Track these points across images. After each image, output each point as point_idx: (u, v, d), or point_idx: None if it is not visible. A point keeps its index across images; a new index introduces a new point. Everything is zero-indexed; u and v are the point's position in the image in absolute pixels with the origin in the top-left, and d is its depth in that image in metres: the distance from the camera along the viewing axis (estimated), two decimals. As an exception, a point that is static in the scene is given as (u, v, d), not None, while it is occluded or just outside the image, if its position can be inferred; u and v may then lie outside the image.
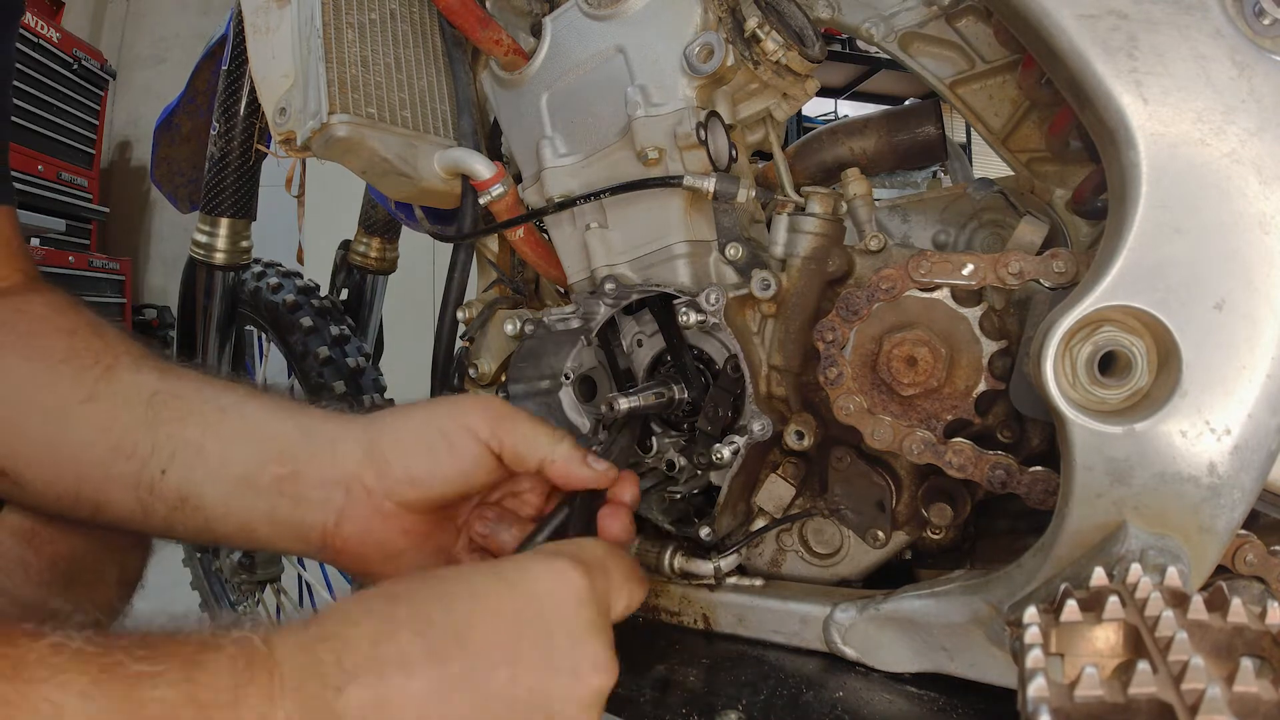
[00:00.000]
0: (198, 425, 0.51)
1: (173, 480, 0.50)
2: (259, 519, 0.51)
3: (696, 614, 0.87)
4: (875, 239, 0.81)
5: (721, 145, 0.80)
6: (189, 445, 0.51)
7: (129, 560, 0.68)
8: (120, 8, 4.52)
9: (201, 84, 1.28)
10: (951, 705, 0.71)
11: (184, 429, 0.51)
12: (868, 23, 0.89)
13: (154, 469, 0.50)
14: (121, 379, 0.53)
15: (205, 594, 1.62)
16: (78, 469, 0.51)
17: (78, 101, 3.75)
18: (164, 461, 0.50)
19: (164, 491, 0.50)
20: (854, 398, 0.74)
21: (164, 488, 0.50)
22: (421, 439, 0.52)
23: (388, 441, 0.52)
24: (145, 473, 0.50)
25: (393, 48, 0.89)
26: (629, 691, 0.77)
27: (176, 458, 0.50)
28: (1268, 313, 0.53)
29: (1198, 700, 0.31)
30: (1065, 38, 0.58)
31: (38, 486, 0.52)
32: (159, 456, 0.50)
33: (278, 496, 0.51)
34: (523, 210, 0.90)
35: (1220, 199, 0.54)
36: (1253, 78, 0.54)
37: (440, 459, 0.51)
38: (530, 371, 0.92)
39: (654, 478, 0.89)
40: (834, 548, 0.86)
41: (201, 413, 0.52)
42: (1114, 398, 0.58)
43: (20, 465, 0.52)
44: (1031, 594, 0.62)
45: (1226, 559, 0.63)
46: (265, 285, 1.37)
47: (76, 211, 3.73)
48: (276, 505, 0.51)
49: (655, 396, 0.84)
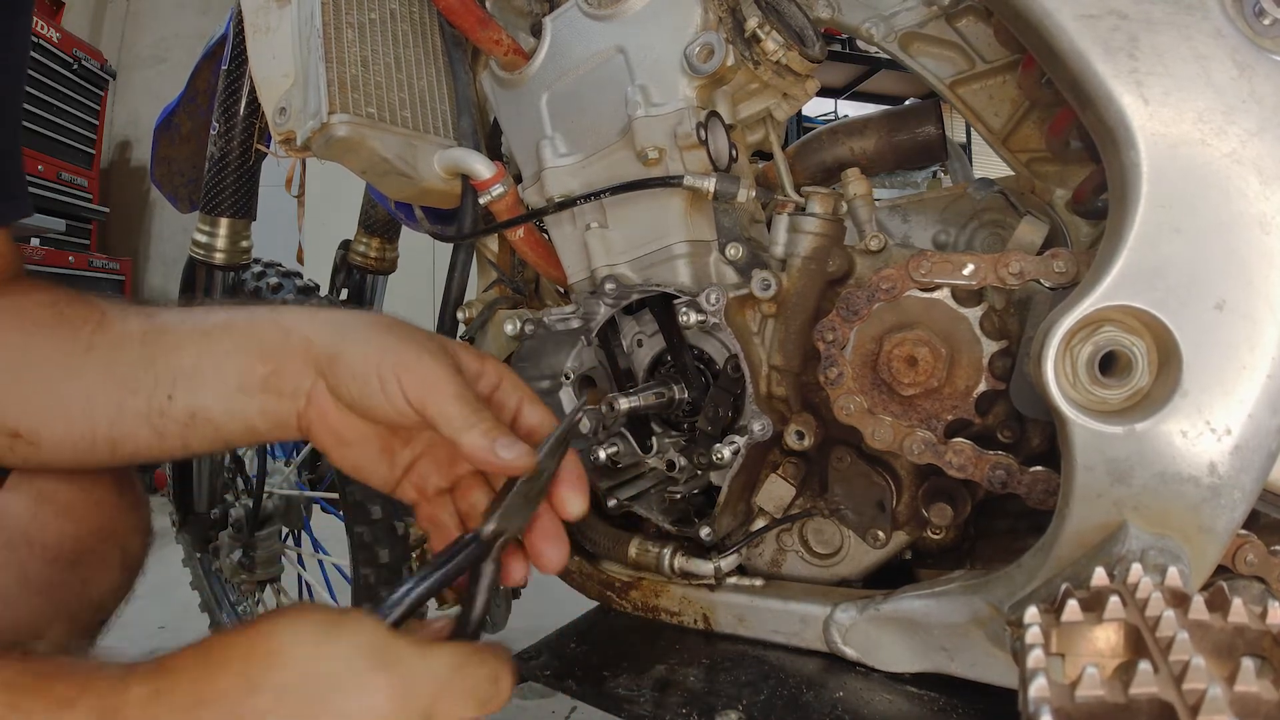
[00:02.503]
0: (191, 351, 0.56)
1: (180, 403, 0.56)
2: (256, 416, 0.56)
3: (696, 614, 0.87)
4: (875, 239, 0.81)
5: (722, 145, 0.80)
6: (186, 370, 0.56)
7: (130, 544, 0.70)
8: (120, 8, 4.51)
9: (201, 84, 1.28)
10: (951, 705, 0.71)
11: (179, 358, 0.56)
12: (868, 23, 0.89)
13: (161, 396, 0.56)
14: (113, 328, 0.57)
15: (205, 594, 1.62)
16: (90, 413, 0.56)
17: (78, 101, 3.74)
18: (168, 388, 0.55)
19: (174, 414, 0.56)
20: (854, 398, 0.74)
21: (174, 410, 0.56)
22: (362, 372, 0.53)
23: (341, 361, 0.54)
24: (154, 402, 0.56)
25: (393, 47, 0.89)
26: (629, 691, 0.77)
27: (178, 383, 0.55)
28: (1268, 313, 0.53)
29: (1199, 700, 0.31)
30: (1066, 38, 0.58)
31: (55, 440, 0.57)
32: (163, 385, 0.56)
33: (265, 393, 0.55)
34: (523, 210, 0.90)
35: (1221, 199, 0.54)
36: (1253, 78, 0.54)
37: (374, 398, 0.53)
38: (530, 371, 0.92)
39: (654, 478, 0.89)
40: (834, 548, 0.86)
41: (191, 339, 0.57)
42: (1114, 398, 0.58)
43: (35, 424, 0.56)
44: (1032, 594, 0.62)
45: (1227, 559, 0.63)
46: (265, 285, 1.36)
47: (76, 211, 3.72)
48: (266, 401, 0.55)
49: (655, 396, 0.84)
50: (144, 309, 0.60)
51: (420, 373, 0.52)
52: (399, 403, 0.52)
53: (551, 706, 1.58)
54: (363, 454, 0.58)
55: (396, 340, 0.54)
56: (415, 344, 0.54)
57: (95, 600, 0.66)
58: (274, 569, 1.45)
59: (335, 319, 0.57)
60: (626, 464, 0.90)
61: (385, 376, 0.52)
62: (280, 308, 0.58)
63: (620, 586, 0.92)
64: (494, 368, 0.59)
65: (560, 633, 0.93)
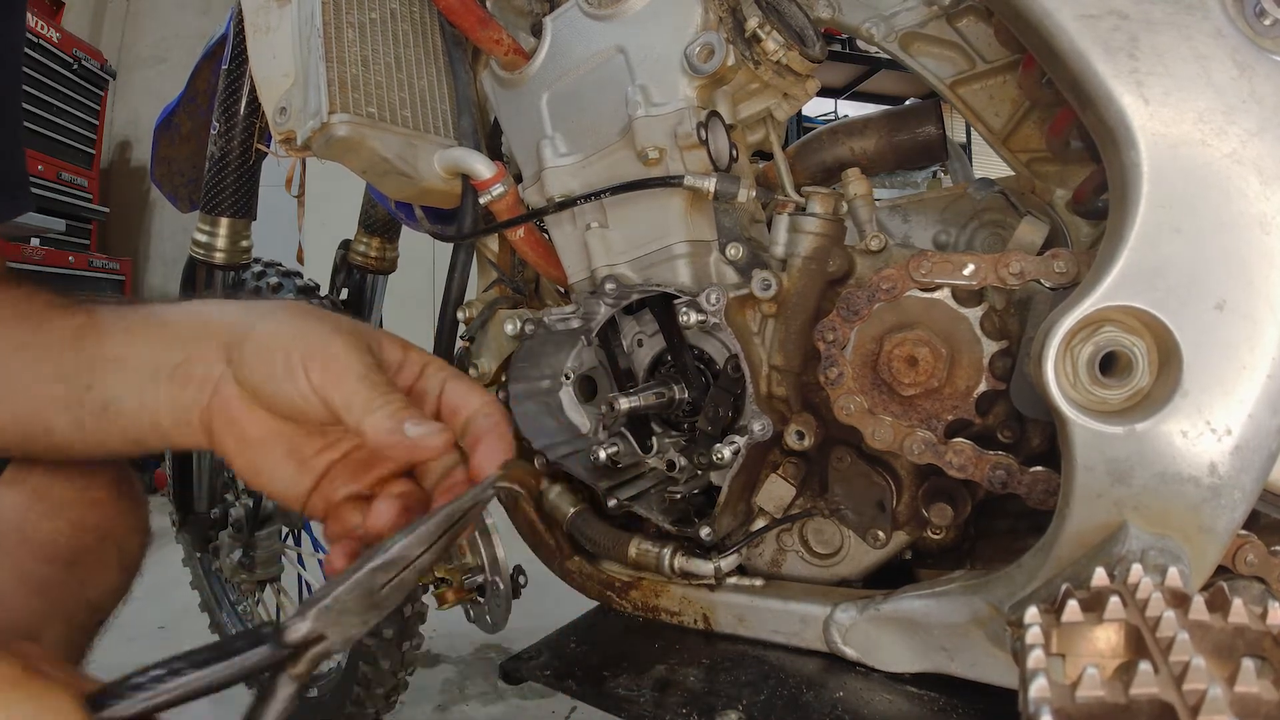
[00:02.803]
0: (116, 341, 0.54)
1: (96, 392, 0.53)
2: (163, 410, 0.52)
3: (696, 614, 0.87)
4: (876, 239, 0.81)
5: (722, 145, 0.80)
6: (108, 360, 0.53)
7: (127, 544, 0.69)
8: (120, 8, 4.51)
9: (201, 84, 1.28)
10: (951, 705, 0.71)
11: (104, 347, 0.54)
12: (868, 23, 0.89)
13: (80, 386, 0.53)
14: (53, 324, 0.56)
15: (205, 594, 1.62)
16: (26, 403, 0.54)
17: (78, 101, 3.74)
18: (87, 378, 0.53)
19: (90, 403, 0.53)
20: (854, 398, 0.74)
21: (90, 400, 0.53)
22: (268, 353, 0.50)
23: (249, 341, 0.51)
24: (74, 392, 0.53)
25: (393, 47, 0.89)
26: (629, 691, 0.77)
27: (96, 372, 0.53)
28: (1268, 313, 0.53)
29: (1199, 701, 0.31)
30: (1066, 38, 0.58)
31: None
32: (83, 374, 0.53)
33: (171, 383, 0.52)
34: (523, 210, 0.90)
35: (1221, 199, 0.54)
36: (1254, 78, 0.54)
37: (277, 382, 0.49)
38: (530, 371, 0.92)
39: (654, 478, 0.89)
40: (834, 548, 0.86)
41: (121, 328, 0.55)
42: (1115, 398, 0.58)
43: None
44: (1032, 594, 0.62)
45: (1227, 559, 0.63)
46: (265, 285, 1.36)
47: (76, 211, 3.72)
48: (172, 392, 0.52)
49: (655, 396, 0.84)
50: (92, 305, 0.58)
51: (326, 356, 0.49)
52: (303, 387, 0.49)
53: (551, 706, 1.59)
54: (267, 455, 0.53)
55: (308, 323, 0.51)
56: (327, 327, 0.51)
57: (92, 600, 0.66)
58: (274, 569, 1.45)
59: (252, 305, 0.54)
60: (626, 464, 0.90)
61: (291, 359, 0.49)
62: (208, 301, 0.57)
63: (620, 586, 0.92)
64: (417, 357, 0.55)
65: (560, 633, 0.93)
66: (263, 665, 0.37)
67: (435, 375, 0.54)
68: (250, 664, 0.37)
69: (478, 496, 0.47)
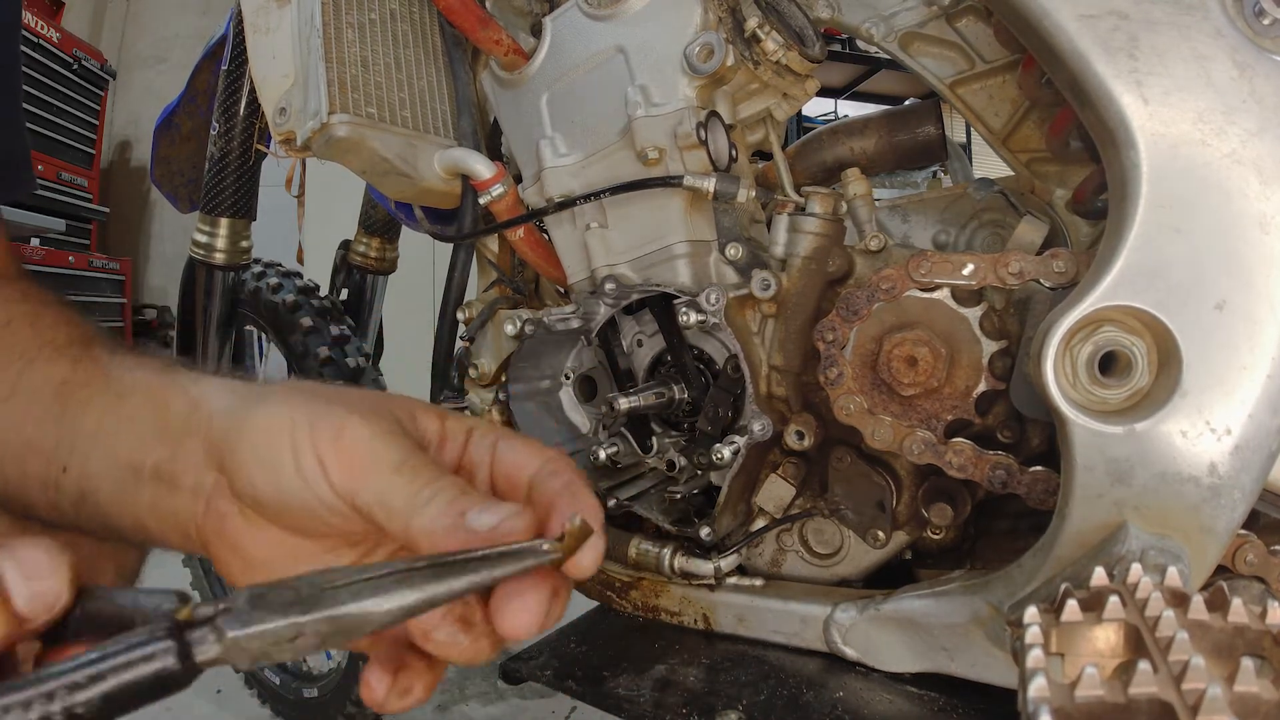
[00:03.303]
0: (96, 412, 0.45)
1: (73, 475, 0.44)
2: (145, 512, 0.43)
3: (696, 614, 0.87)
4: (875, 239, 0.81)
5: (721, 145, 0.80)
6: (86, 435, 0.44)
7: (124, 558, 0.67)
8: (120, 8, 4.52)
9: (201, 84, 1.28)
10: (951, 705, 0.71)
11: (84, 419, 0.45)
12: (868, 23, 0.88)
13: (56, 466, 0.44)
14: (38, 372, 0.47)
15: (205, 594, 1.62)
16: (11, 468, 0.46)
17: (78, 101, 3.74)
18: (65, 456, 0.44)
19: (66, 488, 0.44)
20: (854, 398, 0.74)
21: (66, 484, 0.44)
22: (270, 451, 0.39)
23: (244, 440, 0.40)
24: (50, 470, 0.45)
25: (393, 48, 0.89)
26: (629, 691, 0.77)
27: (75, 451, 0.44)
28: (1268, 313, 0.53)
29: (1199, 700, 0.31)
30: (1066, 38, 0.58)
31: None
32: (61, 451, 0.45)
33: (156, 484, 0.43)
34: (523, 210, 0.90)
35: (1221, 199, 0.54)
36: (1253, 78, 0.54)
37: (285, 485, 0.38)
38: (530, 371, 0.92)
39: (654, 478, 0.89)
40: (834, 548, 0.86)
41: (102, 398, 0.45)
42: (1114, 398, 0.58)
43: None
44: (1032, 594, 0.62)
45: (1227, 559, 0.63)
46: (265, 285, 1.37)
47: (76, 211, 3.73)
48: (156, 494, 0.43)
49: (655, 396, 0.84)
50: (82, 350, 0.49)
51: (346, 445, 0.38)
52: (321, 491, 0.38)
53: (551, 706, 1.59)
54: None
55: (314, 406, 0.40)
56: (339, 408, 0.39)
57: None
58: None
59: (246, 389, 0.43)
60: (626, 464, 0.90)
61: (301, 453, 0.38)
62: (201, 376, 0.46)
63: (620, 586, 0.92)
64: (458, 425, 0.43)
65: (560, 633, 0.93)
66: (154, 681, 0.31)
67: (483, 441, 0.43)
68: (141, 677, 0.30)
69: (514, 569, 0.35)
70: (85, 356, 0.48)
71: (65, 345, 0.49)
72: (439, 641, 0.37)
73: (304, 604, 0.32)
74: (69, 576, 0.32)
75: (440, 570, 0.34)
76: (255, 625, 0.32)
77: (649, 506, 0.85)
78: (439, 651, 0.37)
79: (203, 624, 0.32)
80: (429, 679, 0.39)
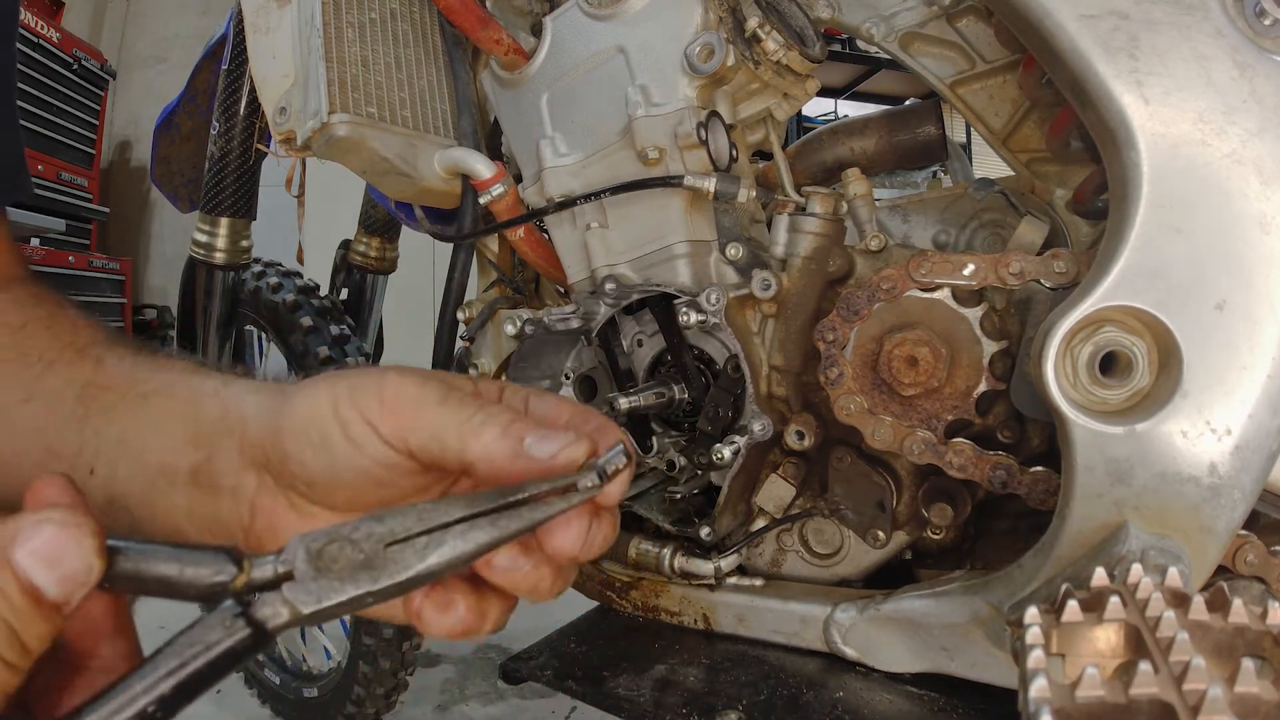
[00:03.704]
0: (122, 416, 0.45)
1: (99, 479, 0.44)
2: (181, 517, 0.43)
3: (696, 614, 0.87)
4: (876, 239, 0.81)
5: (722, 145, 0.80)
6: (112, 440, 0.45)
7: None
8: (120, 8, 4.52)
9: (201, 84, 1.28)
10: (951, 705, 0.71)
11: (109, 422, 0.45)
12: (868, 23, 0.88)
13: (82, 469, 0.44)
14: (58, 375, 0.47)
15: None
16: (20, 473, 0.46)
17: (78, 101, 3.74)
18: (90, 460, 0.45)
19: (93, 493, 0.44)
20: (855, 398, 0.74)
21: (93, 488, 0.44)
22: (315, 426, 0.39)
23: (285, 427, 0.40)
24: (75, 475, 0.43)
25: (393, 47, 0.89)
26: (629, 691, 0.77)
27: (101, 455, 0.45)
28: (1268, 313, 0.53)
29: (1199, 701, 0.31)
30: (1066, 38, 0.58)
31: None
32: (86, 455, 0.45)
33: (193, 489, 0.43)
34: (523, 210, 0.90)
35: (1221, 199, 0.54)
36: (1254, 78, 0.54)
37: (338, 457, 0.39)
38: (530, 371, 0.92)
39: (654, 478, 0.89)
40: (834, 548, 0.86)
41: (127, 402, 0.46)
42: (1115, 398, 0.58)
43: None
44: (1032, 594, 0.62)
45: (1227, 559, 0.63)
46: (265, 285, 1.37)
47: (76, 211, 3.73)
48: (193, 498, 0.43)
49: (655, 396, 0.84)
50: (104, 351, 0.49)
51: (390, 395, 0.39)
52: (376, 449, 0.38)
53: (551, 706, 1.59)
54: None
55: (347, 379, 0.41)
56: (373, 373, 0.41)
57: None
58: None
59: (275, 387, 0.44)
60: (626, 464, 0.90)
61: (348, 422, 0.39)
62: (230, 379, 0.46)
63: (620, 586, 0.92)
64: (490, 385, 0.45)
65: (560, 633, 0.93)
66: (231, 658, 0.32)
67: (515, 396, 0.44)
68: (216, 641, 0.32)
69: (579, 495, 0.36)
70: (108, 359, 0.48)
71: (86, 348, 0.49)
72: (500, 568, 0.38)
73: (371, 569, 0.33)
74: (94, 545, 0.31)
75: (496, 514, 0.35)
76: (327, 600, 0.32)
77: (649, 506, 0.85)
78: (503, 580, 0.38)
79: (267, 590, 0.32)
80: (471, 599, 0.39)
